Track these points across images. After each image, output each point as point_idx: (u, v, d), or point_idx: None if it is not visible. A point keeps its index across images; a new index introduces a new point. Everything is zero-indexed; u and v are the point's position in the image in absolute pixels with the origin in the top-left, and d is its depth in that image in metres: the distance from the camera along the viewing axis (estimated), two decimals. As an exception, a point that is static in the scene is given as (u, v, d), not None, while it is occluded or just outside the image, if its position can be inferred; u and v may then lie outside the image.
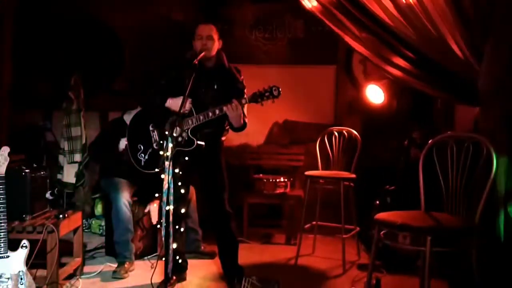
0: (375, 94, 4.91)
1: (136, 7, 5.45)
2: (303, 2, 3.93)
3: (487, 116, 3.12)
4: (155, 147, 3.48)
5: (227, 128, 3.49)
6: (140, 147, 3.55)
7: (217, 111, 3.23)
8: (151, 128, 3.52)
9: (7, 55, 4.67)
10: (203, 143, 3.33)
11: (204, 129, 3.34)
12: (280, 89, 3.16)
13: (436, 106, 4.49)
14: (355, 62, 5.44)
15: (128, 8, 5.44)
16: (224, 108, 3.20)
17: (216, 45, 3.41)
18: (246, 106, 3.33)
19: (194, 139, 3.31)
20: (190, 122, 3.29)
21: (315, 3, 3.82)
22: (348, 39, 3.91)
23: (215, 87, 3.39)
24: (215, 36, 3.39)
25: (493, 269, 2.92)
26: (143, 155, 3.52)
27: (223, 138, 3.56)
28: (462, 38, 3.08)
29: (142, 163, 3.52)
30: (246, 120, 3.40)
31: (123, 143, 3.93)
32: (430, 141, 2.89)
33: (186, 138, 3.28)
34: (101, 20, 5.51)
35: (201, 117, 3.27)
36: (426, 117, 4.62)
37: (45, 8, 5.30)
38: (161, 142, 3.33)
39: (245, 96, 3.31)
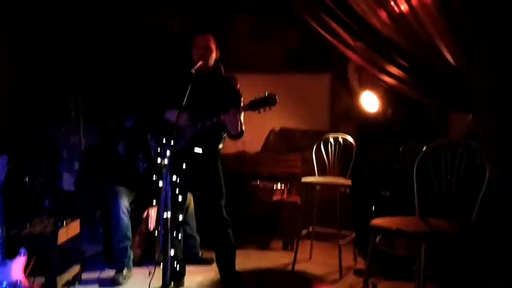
0: (370, 101, 4.95)
1: (133, 16, 5.49)
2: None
3: (480, 123, 3.17)
4: (153, 155, 3.51)
5: (224, 136, 3.52)
6: (139, 156, 3.59)
7: (214, 120, 3.26)
8: (149, 137, 3.55)
9: (7, 63, 4.70)
10: (200, 150, 3.36)
11: (202, 137, 3.38)
12: (276, 97, 3.18)
13: (430, 113, 4.53)
14: (350, 70, 5.48)
15: (125, 17, 5.48)
16: (222, 117, 3.24)
17: (214, 55, 3.45)
18: (242, 114, 3.36)
19: (192, 147, 3.34)
20: (188, 131, 3.33)
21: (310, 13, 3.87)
22: (342, 48, 3.96)
23: (213, 97, 3.43)
24: (213, 47, 3.43)
25: (488, 274, 2.96)
26: (141, 163, 3.56)
27: (220, 146, 3.59)
28: (455, 47, 3.13)
29: (141, 171, 3.55)
30: (244, 128, 3.44)
31: (122, 146, 3.96)
32: (424, 148, 2.93)
33: (184, 146, 3.32)
34: (99, 28, 5.55)
35: (199, 125, 3.31)
36: (421, 124, 4.66)
37: (44, 16, 5.33)
38: (159, 150, 3.37)
39: (242, 104, 3.35)
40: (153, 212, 4.28)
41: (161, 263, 3.22)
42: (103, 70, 5.57)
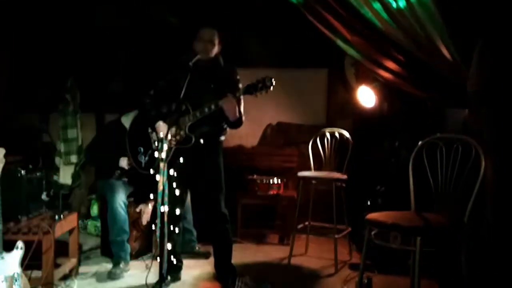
0: (366, 96, 4.96)
1: (131, 10, 5.48)
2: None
3: (475, 118, 3.18)
4: (154, 148, 3.52)
5: (225, 127, 3.52)
6: (140, 149, 3.60)
7: (212, 106, 3.27)
8: (149, 130, 3.56)
9: (6, 59, 4.69)
10: (201, 140, 3.37)
11: (202, 127, 3.37)
12: (273, 79, 3.17)
13: (426, 108, 4.54)
14: (347, 65, 5.48)
15: (123, 11, 5.46)
16: (219, 102, 3.24)
17: (216, 49, 3.45)
18: (242, 103, 3.38)
19: (192, 136, 3.34)
20: (187, 119, 3.34)
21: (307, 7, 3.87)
22: (339, 42, 3.96)
23: (212, 87, 3.43)
24: (216, 41, 3.43)
25: (482, 268, 2.98)
26: (143, 157, 3.57)
27: (222, 138, 3.58)
28: (451, 42, 3.14)
29: (143, 165, 3.57)
30: (243, 118, 3.44)
31: (123, 162, 4.00)
32: (420, 143, 2.94)
33: (184, 136, 3.33)
34: (97, 23, 5.54)
35: (198, 114, 3.32)
36: (417, 119, 4.67)
37: (41, 12, 5.32)
38: (157, 143, 3.38)
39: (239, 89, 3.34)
40: (149, 206, 4.30)
41: (158, 257, 3.24)
42: (102, 65, 5.57)
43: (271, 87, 3.17)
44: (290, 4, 3.95)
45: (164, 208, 3.10)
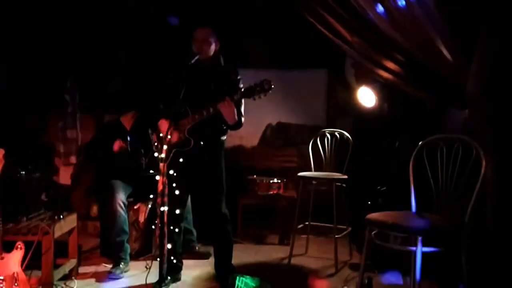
0: (366, 97, 4.96)
1: (131, 10, 5.48)
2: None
3: (475, 118, 3.18)
4: (154, 150, 3.52)
5: (226, 127, 3.51)
6: (141, 151, 3.60)
7: (210, 109, 3.27)
8: (150, 132, 3.56)
9: (5, 59, 4.69)
10: (201, 142, 3.37)
11: (202, 129, 3.37)
12: (271, 83, 3.15)
13: (426, 108, 4.54)
14: (347, 66, 5.49)
15: (123, 11, 5.46)
16: (218, 106, 3.24)
17: (213, 47, 3.44)
18: (243, 105, 3.37)
19: (191, 139, 3.34)
20: (186, 122, 3.33)
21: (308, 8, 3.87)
22: (339, 43, 3.95)
23: (212, 87, 3.42)
24: (212, 40, 3.42)
25: (482, 268, 2.98)
26: (144, 158, 3.58)
27: (223, 138, 3.56)
28: (451, 42, 3.13)
29: (144, 166, 3.58)
30: (243, 119, 3.43)
31: (117, 143, 3.98)
32: (420, 143, 2.94)
33: (183, 139, 3.33)
34: (97, 23, 5.53)
35: (196, 116, 3.31)
36: (417, 119, 4.67)
37: (41, 12, 5.31)
38: (157, 145, 3.38)
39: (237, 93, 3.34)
40: (145, 206, 4.29)
41: (158, 257, 3.23)
42: (102, 66, 5.56)
43: (270, 90, 3.16)
44: (290, 4, 3.94)
45: (164, 208, 3.10)
